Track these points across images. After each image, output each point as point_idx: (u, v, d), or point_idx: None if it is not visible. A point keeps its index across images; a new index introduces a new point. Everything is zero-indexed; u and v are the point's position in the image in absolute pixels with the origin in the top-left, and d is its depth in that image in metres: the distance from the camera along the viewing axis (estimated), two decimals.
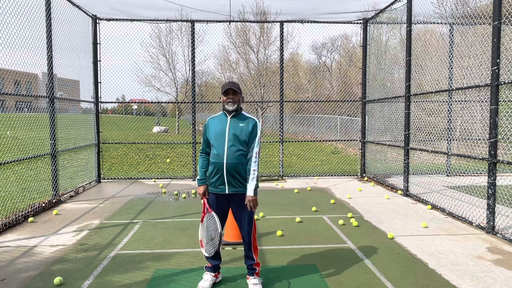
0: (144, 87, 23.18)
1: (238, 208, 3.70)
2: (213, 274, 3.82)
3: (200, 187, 3.75)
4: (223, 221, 3.76)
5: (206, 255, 3.68)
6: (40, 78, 8.46)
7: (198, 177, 3.80)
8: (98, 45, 9.63)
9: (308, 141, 16.03)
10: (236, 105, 3.64)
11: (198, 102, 10.40)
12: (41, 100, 7.26)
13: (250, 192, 3.57)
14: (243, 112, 3.75)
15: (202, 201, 3.79)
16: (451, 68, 8.01)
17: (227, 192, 3.64)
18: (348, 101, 11.47)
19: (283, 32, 10.10)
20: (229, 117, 3.69)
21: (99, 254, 4.67)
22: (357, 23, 10.27)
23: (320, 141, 16.32)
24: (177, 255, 4.64)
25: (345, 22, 10.31)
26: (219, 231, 3.55)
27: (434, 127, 8.60)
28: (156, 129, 24.83)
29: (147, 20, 9.86)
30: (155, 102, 16.10)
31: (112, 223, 6.03)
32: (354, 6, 9.12)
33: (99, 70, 9.67)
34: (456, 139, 9.09)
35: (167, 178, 10.17)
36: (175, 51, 23.48)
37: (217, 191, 3.68)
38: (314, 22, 10.10)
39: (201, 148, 3.89)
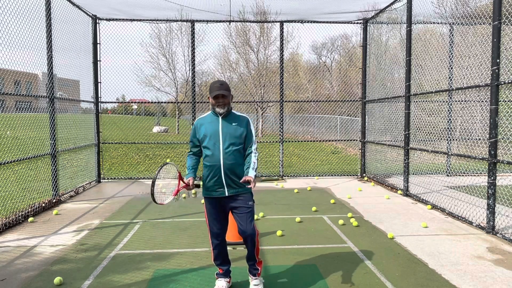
0: (144, 87, 23.21)
1: (241, 210, 3.59)
2: (227, 279, 3.76)
3: (190, 178, 3.59)
4: (225, 223, 3.70)
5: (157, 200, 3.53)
6: (40, 78, 8.46)
7: (186, 174, 3.67)
8: (98, 45, 9.63)
9: (308, 141, 16.03)
10: (226, 107, 3.53)
11: (198, 102, 10.40)
12: (41, 100, 7.26)
13: (251, 173, 3.48)
14: (233, 111, 3.64)
15: (183, 183, 3.60)
16: (451, 68, 8.01)
17: (226, 194, 3.54)
18: (348, 101, 11.47)
19: (283, 32, 10.10)
20: (220, 117, 3.57)
21: (99, 254, 4.67)
22: (357, 23, 10.26)
23: (320, 141, 16.32)
24: (177, 255, 4.64)
25: (345, 22, 10.31)
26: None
27: (434, 127, 8.60)
28: (156, 129, 24.83)
29: (147, 20, 9.86)
30: (155, 102, 16.10)
31: (112, 223, 6.04)
32: (354, 6, 9.11)
33: (99, 70, 9.67)
34: (456, 139, 9.09)
35: (167, 178, 10.15)
36: (175, 51, 23.53)
37: (216, 195, 3.55)
38: (314, 22, 10.10)
39: (189, 150, 3.77)
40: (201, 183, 3.70)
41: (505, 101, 6.49)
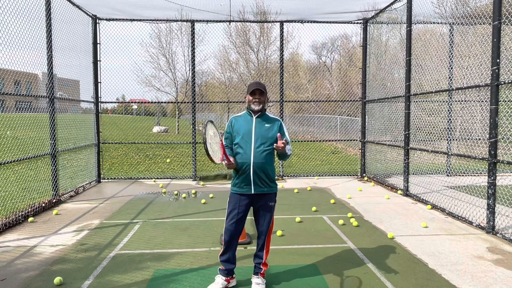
0: (144, 87, 23.20)
1: (262, 208, 3.71)
2: (225, 278, 3.76)
3: (233, 158, 3.63)
4: (242, 223, 3.74)
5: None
6: (40, 78, 8.46)
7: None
8: (98, 45, 9.63)
9: (308, 141, 16.01)
10: (261, 105, 3.67)
11: (198, 102, 10.40)
12: (41, 100, 7.26)
13: (288, 148, 3.57)
14: (267, 113, 3.77)
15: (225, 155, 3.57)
16: (451, 68, 8.01)
17: (252, 192, 3.64)
18: (348, 101, 11.47)
19: (283, 32, 10.10)
20: (254, 117, 3.70)
21: (99, 254, 4.67)
22: (357, 23, 10.26)
23: (320, 141, 16.32)
24: (177, 255, 4.64)
25: (345, 22, 10.31)
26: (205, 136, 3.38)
27: (434, 127, 8.60)
28: (156, 129, 24.84)
29: (147, 20, 9.86)
30: (155, 102, 16.10)
31: (112, 223, 6.04)
32: (354, 6, 9.12)
33: (99, 70, 9.67)
34: (456, 139, 9.09)
35: (167, 178, 10.17)
36: (175, 51, 23.51)
37: (242, 192, 3.67)
38: (314, 22, 10.10)
39: (225, 144, 3.83)
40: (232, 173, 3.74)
41: (505, 101, 6.49)
